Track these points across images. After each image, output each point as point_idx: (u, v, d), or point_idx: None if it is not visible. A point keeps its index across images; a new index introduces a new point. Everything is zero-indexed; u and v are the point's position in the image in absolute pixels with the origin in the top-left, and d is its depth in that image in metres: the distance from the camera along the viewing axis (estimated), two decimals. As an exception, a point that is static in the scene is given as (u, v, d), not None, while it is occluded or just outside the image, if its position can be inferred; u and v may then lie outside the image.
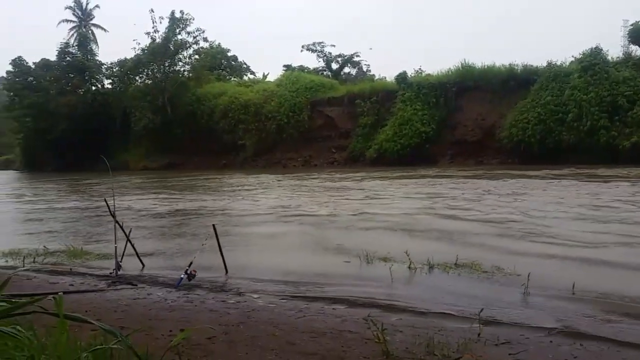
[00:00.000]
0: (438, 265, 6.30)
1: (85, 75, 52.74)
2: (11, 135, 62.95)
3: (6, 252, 7.80)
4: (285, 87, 43.25)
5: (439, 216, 10.77)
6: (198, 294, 5.19)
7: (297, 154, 41.60)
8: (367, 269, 6.46)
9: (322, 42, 53.54)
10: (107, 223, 11.06)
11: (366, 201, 14.02)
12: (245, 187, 21.51)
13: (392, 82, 40.13)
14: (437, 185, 17.95)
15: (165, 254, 7.78)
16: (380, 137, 36.53)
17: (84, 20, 62.44)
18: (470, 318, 4.30)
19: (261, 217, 11.76)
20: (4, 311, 1.41)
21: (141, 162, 45.34)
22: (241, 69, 61.09)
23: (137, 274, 6.25)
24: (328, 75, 52.26)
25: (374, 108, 38.40)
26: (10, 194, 23.97)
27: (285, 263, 6.93)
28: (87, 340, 2.47)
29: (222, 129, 43.62)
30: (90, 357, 1.92)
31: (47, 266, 6.91)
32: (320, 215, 11.62)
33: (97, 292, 5.03)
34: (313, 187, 19.75)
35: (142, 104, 46.13)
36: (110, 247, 7.88)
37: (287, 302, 4.94)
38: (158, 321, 3.98)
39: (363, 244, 7.54)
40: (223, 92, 46.03)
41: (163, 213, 13.25)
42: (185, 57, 48.76)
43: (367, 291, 5.39)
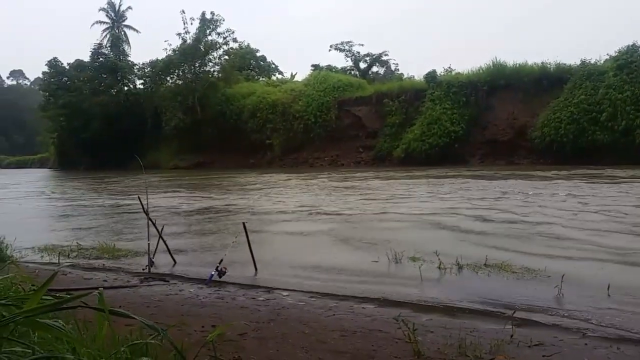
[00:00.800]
0: (467, 266, 6.21)
1: (118, 75, 53.89)
2: (46, 134, 64.89)
3: (42, 248, 8.02)
4: (313, 87, 43.33)
5: (467, 216, 10.61)
6: (228, 290, 5.25)
7: (324, 154, 41.63)
8: (396, 268, 6.42)
9: (351, 42, 53.53)
10: (138, 220, 11.31)
11: (393, 201, 13.93)
12: (272, 186, 21.64)
13: (420, 81, 39.79)
14: (466, 186, 17.70)
15: (195, 251, 7.89)
16: (408, 137, 36.24)
17: (116, 21, 63.83)
18: (503, 319, 4.24)
19: (289, 215, 11.82)
20: (52, 305, 1.45)
21: (172, 161, 46.12)
22: (269, 69, 61.51)
23: (169, 271, 6.36)
24: (356, 74, 52.16)
25: (402, 107, 38.12)
26: (45, 192, 24.70)
27: (312, 261, 6.94)
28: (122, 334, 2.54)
29: (251, 129, 44.00)
30: (127, 351, 1.96)
31: (81, 262, 7.09)
32: (347, 214, 11.60)
33: (131, 288, 5.14)
34: (340, 187, 19.73)
35: (173, 104, 46.85)
36: (142, 243, 8.05)
37: (316, 301, 4.96)
38: (190, 317, 4.04)
39: (391, 243, 7.49)
40: (252, 92, 46.44)
41: (193, 211, 13.44)
42: (215, 58, 49.41)
43: (396, 291, 5.36)
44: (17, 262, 6.38)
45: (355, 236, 8.93)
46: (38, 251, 7.91)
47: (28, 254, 7.50)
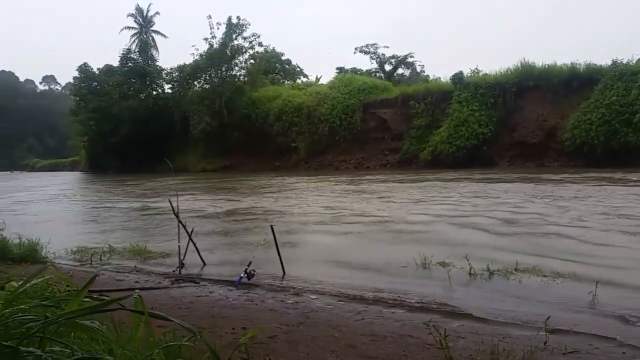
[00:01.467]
0: (498, 271, 6.10)
1: (146, 80, 54.88)
2: (77, 138, 66.48)
3: (74, 250, 8.18)
4: (338, 90, 43.37)
5: (496, 220, 10.43)
6: (257, 293, 5.27)
7: (350, 156, 41.59)
8: (425, 273, 6.35)
9: (376, 44, 53.45)
10: (167, 222, 11.48)
11: (420, 203, 13.80)
12: (298, 188, 21.70)
13: (447, 82, 39.43)
14: (495, 188, 17.43)
15: (224, 253, 7.95)
16: (434, 139, 35.93)
17: (144, 27, 65.07)
18: (536, 326, 4.14)
19: (315, 218, 11.82)
20: (93, 307, 1.47)
21: (199, 164, 46.74)
22: (295, 72, 61.85)
23: (199, 272, 6.43)
24: (381, 76, 52.02)
25: (429, 109, 37.82)
26: (75, 194, 25.30)
27: (340, 265, 6.92)
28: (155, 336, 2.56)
29: (276, 132, 44.27)
30: (162, 352, 1.98)
31: (112, 263, 7.23)
32: (374, 217, 11.54)
33: (162, 290, 5.20)
34: (366, 189, 19.66)
35: (200, 108, 47.48)
36: (171, 245, 8.15)
37: (345, 304, 4.93)
38: (221, 319, 4.06)
39: (418, 247, 7.42)
40: (277, 95, 46.74)
41: (220, 213, 13.57)
42: (241, 62, 49.93)
43: (426, 296, 5.29)
44: (51, 262, 6.56)
45: (382, 240, 8.88)
46: (71, 252, 8.06)
47: (61, 255, 7.66)
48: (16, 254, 6.43)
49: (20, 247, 6.70)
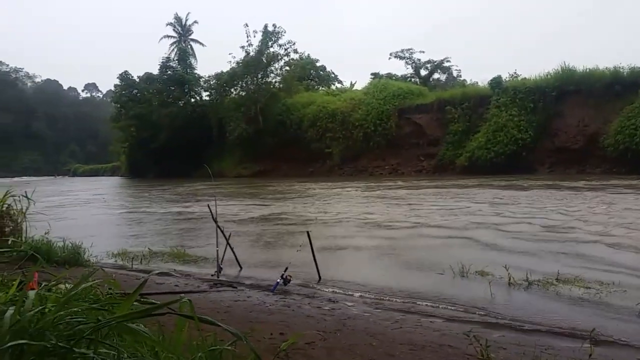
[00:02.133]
0: (539, 281, 5.94)
1: (185, 87, 56.07)
2: (117, 144, 68.41)
3: (115, 253, 8.40)
4: (372, 95, 43.25)
5: (536, 227, 10.17)
6: (294, 298, 5.27)
7: (384, 162, 41.35)
8: (463, 282, 6.23)
9: (411, 49, 53.12)
10: (205, 227, 11.66)
11: (457, 211, 13.57)
12: (333, 194, 21.69)
13: (485, 87, 38.77)
14: (535, 196, 16.98)
15: (259, 257, 8.01)
16: (472, 145, 35.35)
17: (183, 35, 66.54)
18: (580, 337, 4.01)
19: (350, 224, 11.78)
20: (143, 312, 1.50)
21: (235, 170, 47.37)
22: (329, 78, 62.07)
23: (236, 277, 6.49)
24: (416, 82, 51.59)
25: (466, 114, 37.27)
26: (115, 198, 26.01)
27: (376, 272, 6.87)
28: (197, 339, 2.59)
29: (310, 138, 44.46)
30: (204, 357, 2.00)
31: (152, 267, 7.38)
32: (409, 223, 11.42)
33: (201, 293, 5.28)
34: (401, 196, 19.48)
35: (236, 114, 48.18)
36: (209, 249, 8.28)
37: (382, 312, 4.88)
38: (259, 324, 4.09)
39: (456, 255, 7.32)
40: (311, 101, 46.98)
41: (255, 218, 13.69)
42: (277, 69, 50.44)
43: (465, 305, 5.19)
44: (94, 265, 6.74)
45: (418, 247, 8.77)
46: (112, 256, 8.28)
47: (103, 258, 7.86)
48: (60, 256, 6.63)
49: (64, 250, 6.91)
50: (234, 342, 1.95)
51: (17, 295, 2.46)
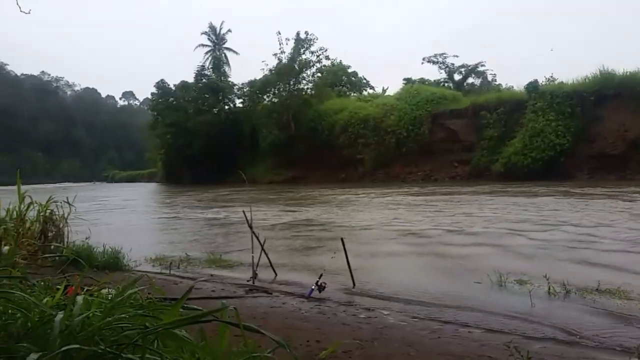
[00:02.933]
0: (580, 290, 5.76)
1: (219, 95, 56.97)
2: (154, 151, 69.95)
3: (153, 258, 8.54)
4: (405, 101, 42.96)
5: (575, 235, 9.86)
6: (329, 306, 5.25)
7: (417, 168, 40.95)
8: (501, 291, 6.08)
9: (444, 53, 52.60)
10: (239, 232, 11.77)
11: (493, 218, 13.29)
12: (365, 201, 21.60)
13: (520, 91, 38.00)
14: (574, 203, 16.49)
15: (293, 263, 8.01)
16: (508, 150, 34.65)
17: (217, 44, 67.61)
18: (626, 351, 3.85)
19: (384, 231, 11.68)
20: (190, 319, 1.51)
21: (267, 176, 47.75)
22: (361, 84, 62.04)
23: (271, 283, 6.51)
24: (450, 86, 51.02)
25: (501, 119, 36.58)
26: (152, 204, 26.56)
27: (411, 280, 6.77)
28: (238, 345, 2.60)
29: (342, 144, 44.44)
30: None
31: (188, 272, 7.48)
32: (444, 231, 11.25)
33: (237, 299, 5.31)
34: (435, 202, 19.23)
35: (269, 121, 48.67)
36: (243, 255, 8.34)
37: (419, 322, 4.80)
38: (294, 330, 4.08)
39: (492, 263, 7.17)
40: (343, 107, 47.01)
41: (288, 224, 13.74)
42: (309, 76, 50.74)
43: (504, 315, 5.06)
44: (133, 270, 6.88)
45: (453, 254, 8.61)
46: (150, 260, 8.43)
47: (140, 263, 8.01)
48: (100, 261, 6.79)
49: (104, 255, 7.08)
50: (274, 350, 1.94)
51: (63, 300, 2.52)
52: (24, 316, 2.17)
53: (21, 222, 7.04)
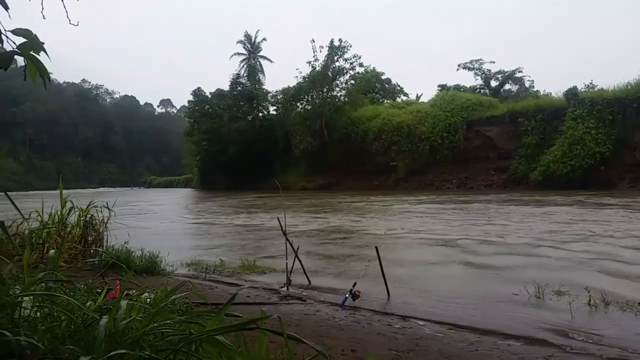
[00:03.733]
0: (617, 303, 5.54)
1: (254, 102, 57.78)
2: (190, 157, 71.42)
3: (188, 263, 8.65)
4: (439, 107, 42.54)
5: (611, 248, 9.49)
6: (363, 315, 5.19)
7: (452, 176, 40.41)
8: (539, 302, 5.90)
9: (481, 60, 51.88)
10: (271, 238, 11.83)
11: (530, 228, 12.94)
12: (399, 208, 21.39)
13: (559, 98, 37.12)
14: (612, 214, 15.91)
15: (327, 271, 7.98)
16: (546, 158, 33.85)
17: (252, 52, 68.60)
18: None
19: (418, 240, 11.53)
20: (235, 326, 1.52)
21: (300, 183, 47.99)
22: (394, 91, 61.77)
23: (304, 290, 6.49)
24: (486, 93, 50.22)
25: (539, 126, 35.80)
26: (188, 210, 26.99)
27: (446, 290, 6.64)
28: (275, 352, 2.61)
29: (375, 151, 44.29)
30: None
31: (223, 277, 7.53)
32: (479, 241, 11.01)
33: (272, 305, 5.32)
34: (470, 210, 18.89)
35: (302, 128, 48.96)
36: (276, 261, 8.36)
37: (456, 333, 4.69)
38: (329, 339, 4.05)
39: (530, 274, 7.01)
40: (376, 114, 46.87)
41: (322, 230, 13.72)
42: (342, 83, 50.84)
43: (544, 327, 4.89)
44: (170, 275, 6.98)
45: (489, 264, 8.41)
46: (185, 265, 8.53)
47: (176, 267, 8.11)
48: (138, 265, 6.92)
49: (142, 260, 7.20)
50: (312, 358, 1.93)
51: (105, 304, 2.57)
52: (68, 318, 2.23)
53: (63, 226, 7.24)
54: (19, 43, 1.88)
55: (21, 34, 1.85)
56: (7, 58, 1.82)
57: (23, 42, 1.87)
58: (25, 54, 1.87)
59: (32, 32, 1.86)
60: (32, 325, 2.18)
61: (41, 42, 1.87)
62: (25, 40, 1.86)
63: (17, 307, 2.20)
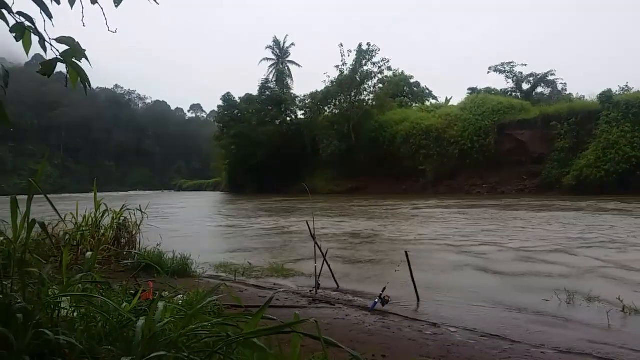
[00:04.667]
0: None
1: (282, 107, 58.17)
2: (219, 161, 72.30)
3: (217, 265, 8.74)
4: (469, 111, 42.00)
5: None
6: (393, 320, 5.14)
7: (482, 180, 39.79)
8: (571, 309, 5.75)
9: (512, 62, 50.95)
10: (300, 242, 11.86)
11: (563, 234, 12.63)
12: (428, 213, 21.17)
13: (593, 101, 36.22)
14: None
15: (355, 275, 7.96)
16: (580, 163, 33.02)
17: (281, 57, 69.14)
18: None
19: (447, 245, 11.37)
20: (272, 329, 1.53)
21: (327, 187, 48.00)
22: (423, 94, 61.26)
23: (333, 293, 6.48)
24: (518, 96, 49.33)
25: (573, 130, 34.99)
26: (217, 213, 27.31)
27: (477, 297, 6.52)
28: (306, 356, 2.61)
29: (403, 155, 43.99)
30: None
31: (251, 280, 7.59)
32: (510, 247, 10.80)
33: (301, 309, 5.32)
34: (500, 216, 18.56)
35: (330, 132, 49.00)
36: (304, 264, 8.38)
37: (487, 340, 4.60)
38: (359, 344, 4.03)
39: (560, 281, 6.88)
40: (405, 118, 46.57)
41: (350, 234, 13.68)
42: (370, 87, 50.69)
43: (578, 335, 4.77)
44: (201, 277, 7.07)
45: (519, 271, 8.24)
46: (214, 268, 8.63)
47: (206, 269, 8.21)
48: (170, 267, 7.03)
49: (173, 262, 7.31)
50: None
51: (139, 305, 2.62)
52: (104, 319, 2.28)
53: (96, 228, 7.41)
54: (62, 51, 1.94)
55: (64, 42, 1.91)
56: (51, 65, 1.89)
57: (65, 49, 1.93)
58: (67, 61, 1.93)
59: (75, 39, 1.92)
60: (70, 325, 2.24)
61: (83, 49, 1.93)
62: (68, 47, 1.92)
63: (57, 307, 2.26)
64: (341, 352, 2.50)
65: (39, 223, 2.16)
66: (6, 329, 1.84)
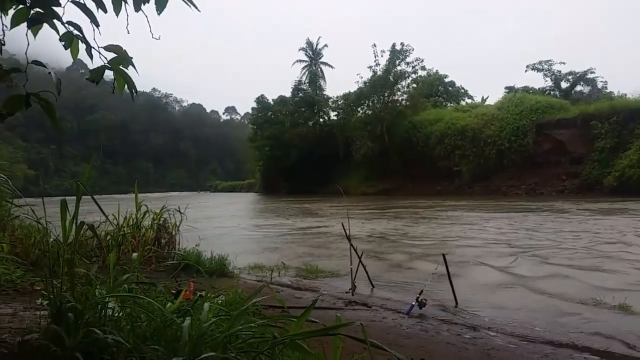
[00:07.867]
0: None
1: (315, 108, 58.44)
2: (253, 162, 73.27)
3: (252, 266, 8.82)
4: (507, 110, 41.15)
5: None
6: (431, 323, 5.09)
7: (520, 181, 38.90)
8: (614, 314, 5.57)
9: (550, 60, 49.67)
10: (332, 243, 11.86)
11: (603, 237, 12.21)
12: (463, 214, 20.85)
13: (635, 99, 34.99)
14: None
15: (391, 277, 7.89)
16: (622, 163, 31.90)
17: (314, 59, 69.41)
18: None
19: (484, 248, 11.15)
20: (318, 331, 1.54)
21: (360, 188, 47.86)
22: (459, 94, 60.44)
23: (368, 296, 6.46)
24: (556, 95, 48.06)
25: (614, 130, 33.83)
26: (251, 213, 27.61)
27: (517, 300, 6.38)
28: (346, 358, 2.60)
29: (438, 155, 43.47)
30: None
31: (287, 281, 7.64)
32: (549, 250, 10.51)
33: (337, 310, 5.32)
34: (542, 218, 18.10)
35: (363, 133, 48.85)
36: (338, 265, 8.38)
37: (529, 345, 4.50)
38: (397, 347, 3.99)
39: (601, 285, 6.75)
40: (439, 118, 46.01)
41: (384, 236, 13.59)
42: (404, 87, 50.29)
43: (622, 341, 4.61)
44: (239, 277, 7.16)
45: (559, 274, 8.01)
46: (249, 268, 8.72)
47: (242, 270, 8.30)
48: (208, 267, 7.14)
49: (212, 262, 7.43)
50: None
51: (183, 305, 2.67)
52: (149, 318, 2.33)
53: (137, 229, 7.60)
54: (110, 58, 2.00)
55: (112, 50, 1.97)
56: (100, 72, 1.95)
57: (113, 57, 2.00)
58: (114, 69, 1.99)
59: (122, 47, 1.97)
60: (116, 324, 2.31)
61: (130, 57, 1.99)
62: (115, 55, 1.99)
63: (104, 306, 2.33)
64: (381, 354, 2.50)
65: (88, 225, 2.24)
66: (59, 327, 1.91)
